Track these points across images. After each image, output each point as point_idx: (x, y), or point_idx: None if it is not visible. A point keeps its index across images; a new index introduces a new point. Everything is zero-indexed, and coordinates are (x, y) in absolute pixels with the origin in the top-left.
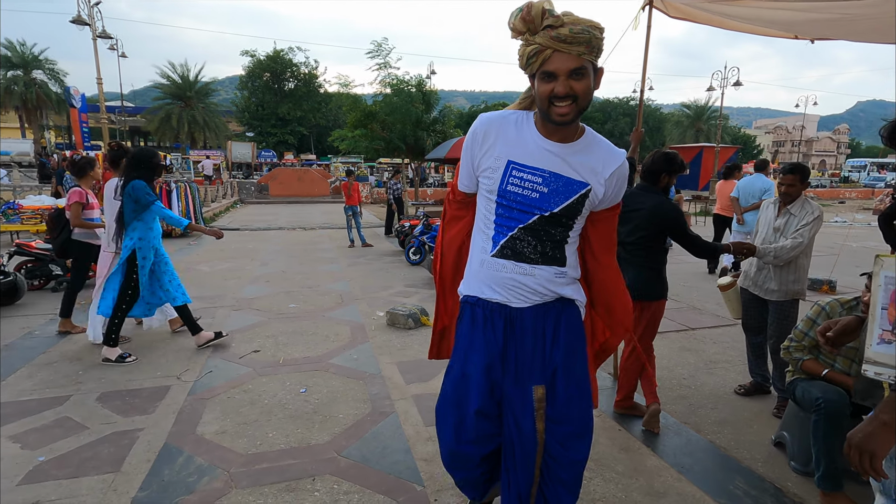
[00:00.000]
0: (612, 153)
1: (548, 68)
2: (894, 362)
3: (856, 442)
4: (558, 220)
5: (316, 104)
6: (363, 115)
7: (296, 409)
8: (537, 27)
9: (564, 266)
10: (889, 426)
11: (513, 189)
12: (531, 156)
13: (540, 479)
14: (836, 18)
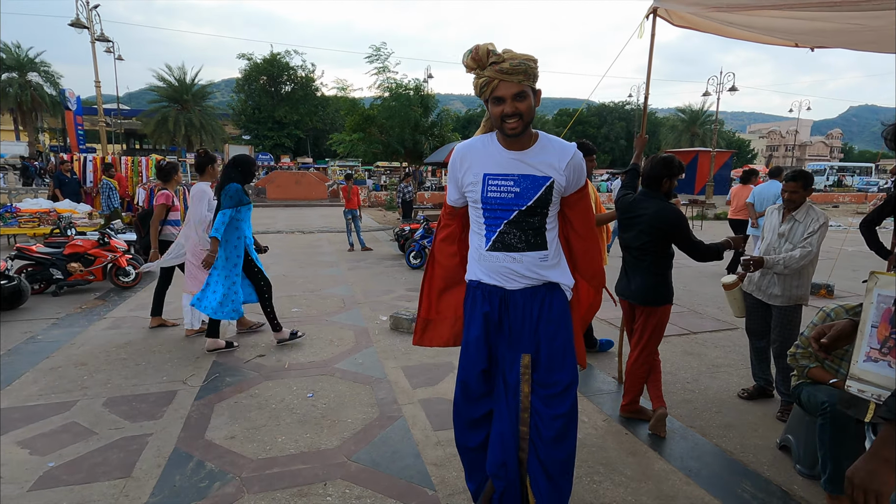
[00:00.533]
0: (563, 149)
1: (497, 94)
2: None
3: (858, 482)
4: (533, 210)
5: (313, 108)
6: (362, 119)
7: (304, 414)
8: (485, 64)
9: (547, 249)
10: (891, 463)
11: (492, 195)
12: (500, 166)
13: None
14: (840, 29)
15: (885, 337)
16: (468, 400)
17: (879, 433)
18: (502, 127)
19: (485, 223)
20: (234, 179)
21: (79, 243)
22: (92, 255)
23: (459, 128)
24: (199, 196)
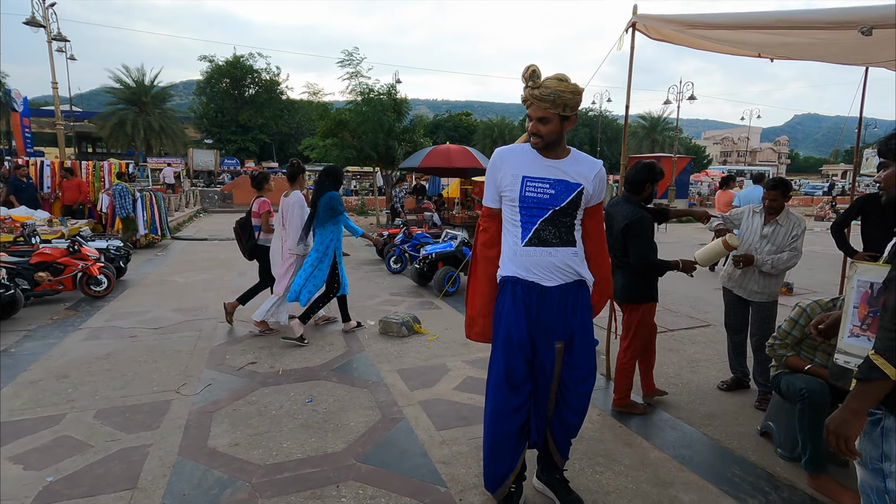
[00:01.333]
0: (592, 163)
1: (529, 112)
2: (860, 353)
3: (832, 428)
4: (566, 211)
5: (278, 111)
6: (334, 124)
7: (306, 419)
8: (526, 83)
9: (576, 246)
10: (858, 413)
11: (530, 194)
12: (538, 170)
13: (555, 405)
14: (808, 42)
15: (864, 315)
16: (512, 388)
17: (852, 390)
18: (530, 139)
19: (521, 220)
20: (328, 188)
21: (47, 251)
22: (62, 263)
23: (427, 133)
24: (298, 204)
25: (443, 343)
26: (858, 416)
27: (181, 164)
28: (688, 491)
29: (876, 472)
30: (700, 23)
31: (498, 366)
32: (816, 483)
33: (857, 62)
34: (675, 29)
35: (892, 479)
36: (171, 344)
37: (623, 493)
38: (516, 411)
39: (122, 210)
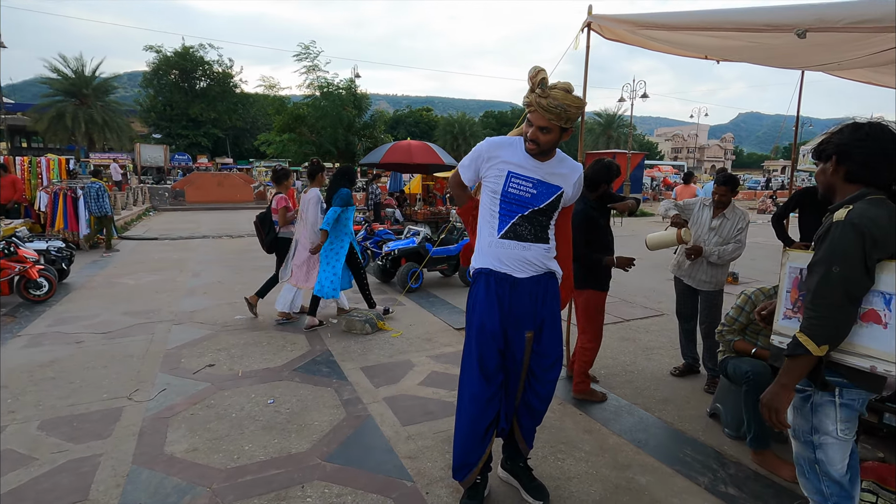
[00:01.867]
0: (574, 167)
1: (530, 118)
2: (792, 333)
3: (765, 402)
4: (544, 211)
5: (232, 105)
6: (291, 119)
7: (268, 421)
8: (534, 88)
9: (549, 243)
10: (787, 387)
11: (513, 191)
12: (524, 169)
13: (523, 391)
14: (745, 46)
15: (795, 298)
16: (486, 378)
17: (782, 366)
18: (525, 143)
19: (499, 213)
20: (343, 185)
21: None
22: None
23: (388, 128)
24: (314, 200)
25: (407, 339)
26: (787, 390)
27: (127, 159)
28: (644, 473)
29: (807, 445)
30: (650, 23)
31: (471, 356)
32: (760, 459)
33: (794, 66)
34: (627, 29)
35: (821, 450)
36: (121, 348)
37: (584, 478)
38: (489, 402)
39: (98, 209)
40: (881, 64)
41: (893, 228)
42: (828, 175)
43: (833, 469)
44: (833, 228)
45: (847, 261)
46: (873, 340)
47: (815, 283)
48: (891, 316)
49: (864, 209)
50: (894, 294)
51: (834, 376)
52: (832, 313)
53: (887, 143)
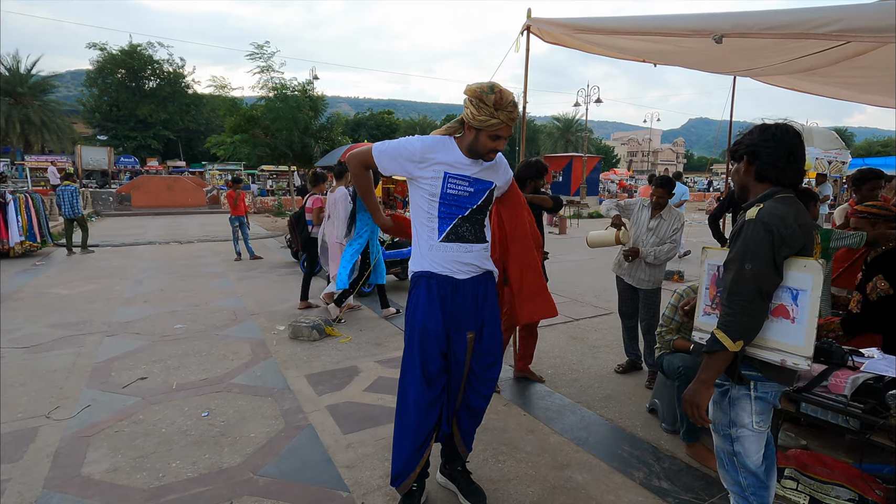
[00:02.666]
0: (501, 159)
1: (498, 133)
2: (711, 329)
3: (687, 398)
4: (481, 209)
5: (184, 106)
6: (243, 120)
7: (200, 435)
8: (503, 108)
9: (487, 241)
10: (706, 383)
11: (451, 192)
12: (459, 168)
13: (464, 391)
14: (675, 50)
15: (714, 295)
16: (429, 383)
17: (702, 363)
18: (485, 155)
19: (439, 216)
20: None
21: None
22: None
23: (349, 131)
24: (342, 198)
25: (356, 345)
26: (707, 386)
27: (67, 162)
28: (582, 471)
29: (725, 438)
30: (584, 27)
31: (414, 360)
32: (692, 451)
33: (724, 71)
34: (564, 32)
35: (738, 442)
36: (44, 363)
37: (523, 479)
38: (431, 406)
39: (70, 210)
40: (798, 71)
41: (799, 226)
42: (741, 175)
43: (749, 460)
44: (745, 227)
45: (758, 258)
46: (783, 335)
47: (730, 279)
48: (798, 311)
49: (773, 207)
50: (801, 289)
51: (749, 370)
52: (745, 309)
53: (792, 144)
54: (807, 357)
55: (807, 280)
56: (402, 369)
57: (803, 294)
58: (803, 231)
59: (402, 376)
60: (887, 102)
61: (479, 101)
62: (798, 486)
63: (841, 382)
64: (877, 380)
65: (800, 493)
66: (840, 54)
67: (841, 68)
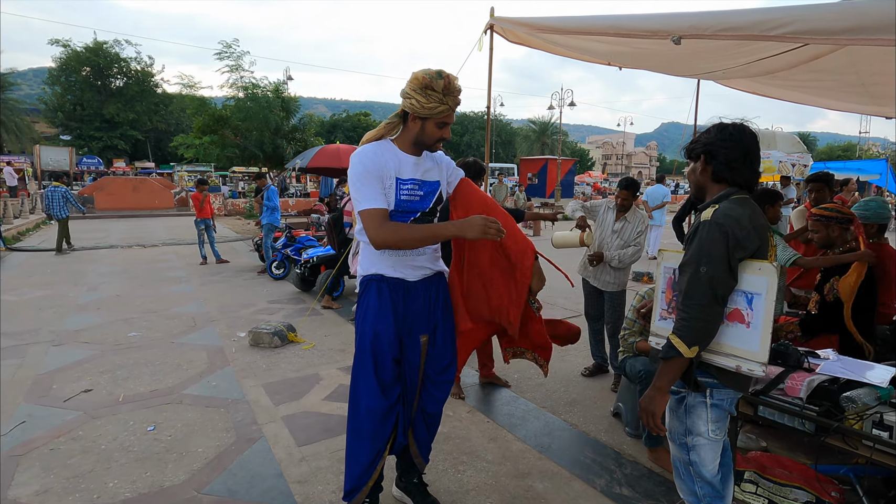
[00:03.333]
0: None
1: (447, 120)
2: (667, 334)
3: (643, 406)
4: (431, 211)
5: (153, 106)
6: (212, 120)
7: (143, 451)
8: (451, 93)
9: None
10: (662, 390)
11: (405, 198)
12: (408, 172)
13: (419, 398)
14: (636, 52)
15: (670, 299)
16: (383, 391)
17: (657, 369)
18: (432, 145)
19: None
20: None
21: None
22: None
23: (324, 132)
24: None
25: (319, 351)
26: (663, 394)
27: (25, 162)
28: (543, 479)
29: (682, 447)
30: (545, 27)
31: (366, 368)
32: (654, 456)
33: (686, 73)
34: (527, 32)
35: (694, 451)
36: None
37: (482, 489)
38: (386, 415)
39: (60, 212)
40: (758, 74)
41: (754, 227)
42: (697, 174)
43: (705, 470)
44: (700, 228)
45: (713, 260)
46: (738, 340)
47: (685, 282)
48: (753, 315)
49: (729, 209)
50: (755, 293)
51: (705, 377)
52: (700, 314)
53: (748, 145)
54: (762, 363)
55: (761, 283)
56: (353, 378)
57: (758, 298)
58: (758, 233)
59: (354, 385)
60: (843, 106)
61: (426, 89)
62: (757, 490)
63: (797, 385)
64: (832, 381)
65: (759, 496)
66: (797, 58)
67: (799, 72)
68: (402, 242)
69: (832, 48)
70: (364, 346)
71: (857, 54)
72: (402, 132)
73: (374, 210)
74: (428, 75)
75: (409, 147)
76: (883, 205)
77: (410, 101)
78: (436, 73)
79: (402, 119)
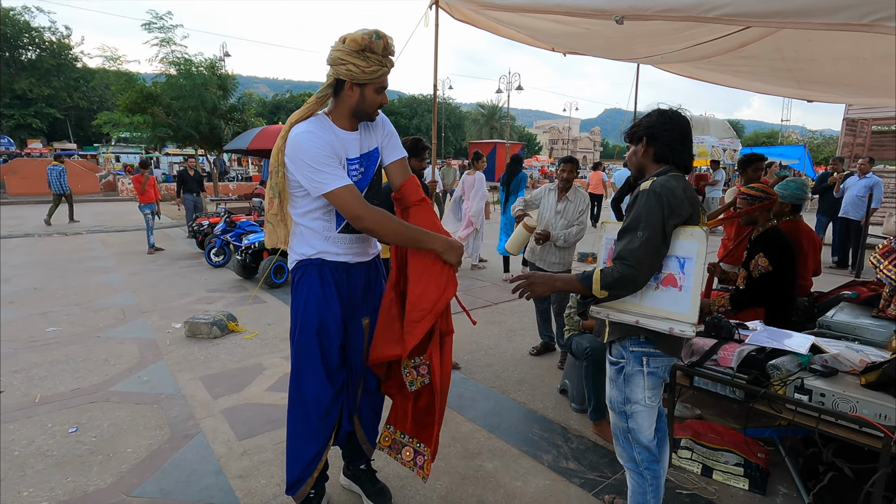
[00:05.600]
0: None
1: (384, 84)
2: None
3: (532, 280)
4: (373, 186)
5: (72, 81)
6: (141, 98)
7: (63, 455)
8: (391, 54)
9: None
10: (554, 286)
11: (353, 179)
12: (350, 149)
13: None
14: (579, 33)
15: None
16: (330, 377)
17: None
18: (371, 114)
19: (335, 209)
20: (519, 171)
21: None
22: None
23: (267, 113)
24: (481, 181)
25: (262, 340)
26: (552, 288)
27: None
28: (492, 458)
29: (621, 415)
30: (489, 4)
31: (312, 356)
32: (599, 429)
33: (626, 58)
34: (471, 9)
35: (632, 418)
36: None
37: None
38: (333, 402)
39: (59, 187)
40: (695, 59)
41: (687, 198)
42: (639, 156)
43: (643, 436)
44: (639, 197)
45: (650, 225)
46: (671, 303)
47: (622, 245)
48: (685, 278)
49: (665, 180)
50: (687, 257)
51: (641, 346)
52: (627, 272)
53: (685, 129)
54: (692, 323)
55: (692, 248)
56: (295, 367)
57: (689, 262)
58: (690, 202)
59: (297, 374)
60: (771, 90)
61: (365, 52)
62: (692, 455)
63: (728, 355)
64: (759, 351)
65: (693, 461)
66: (729, 44)
67: (731, 57)
68: (385, 234)
69: (761, 34)
70: (308, 334)
71: (784, 41)
72: (336, 105)
73: (350, 187)
74: (367, 35)
75: (346, 121)
76: (801, 186)
77: (346, 66)
78: (373, 32)
79: (335, 90)
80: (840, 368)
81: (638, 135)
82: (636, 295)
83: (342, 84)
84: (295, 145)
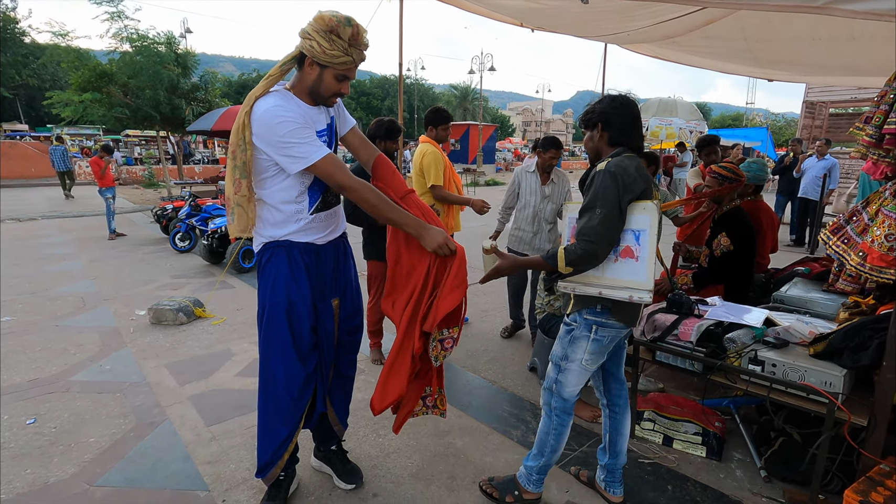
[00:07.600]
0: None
1: (348, 74)
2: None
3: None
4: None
5: (21, 57)
6: (94, 76)
7: (21, 447)
8: (358, 45)
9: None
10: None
11: None
12: (316, 123)
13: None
14: (546, 9)
15: None
16: (302, 359)
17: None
18: (328, 99)
19: (309, 189)
20: None
21: None
22: None
23: (232, 93)
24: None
25: (230, 326)
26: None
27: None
28: (462, 435)
29: (556, 367)
30: None
31: (281, 337)
32: None
33: (593, 36)
34: None
35: (563, 373)
36: None
37: (403, 451)
38: (306, 384)
39: (63, 165)
40: (660, 38)
41: (639, 175)
42: (595, 141)
43: (565, 391)
44: (595, 176)
45: (606, 202)
46: (630, 273)
47: (583, 223)
48: (640, 249)
49: (619, 161)
50: (641, 230)
51: (597, 315)
52: (588, 248)
53: (636, 112)
54: (649, 290)
55: (646, 221)
56: (263, 351)
57: (644, 234)
58: (643, 179)
59: (266, 358)
60: (733, 69)
61: (331, 34)
62: (654, 427)
63: (688, 330)
64: (717, 325)
65: (655, 432)
66: (692, 22)
67: (696, 37)
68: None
69: (724, 13)
70: (277, 315)
71: (746, 20)
72: (297, 79)
73: (333, 157)
74: (336, 18)
75: (305, 97)
76: (762, 167)
77: (311, 42)
78: (345, 18)
79: (298, 63)
80: (791, 340)
81: (593, 121)
82: (598, 268)
83: (304, 59)
84: (266, 122)
